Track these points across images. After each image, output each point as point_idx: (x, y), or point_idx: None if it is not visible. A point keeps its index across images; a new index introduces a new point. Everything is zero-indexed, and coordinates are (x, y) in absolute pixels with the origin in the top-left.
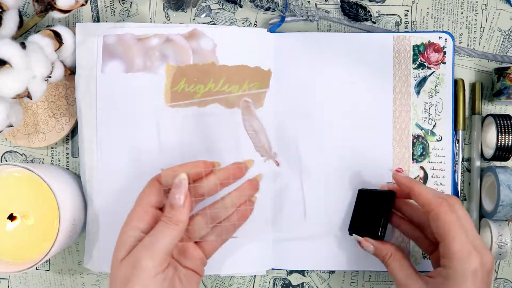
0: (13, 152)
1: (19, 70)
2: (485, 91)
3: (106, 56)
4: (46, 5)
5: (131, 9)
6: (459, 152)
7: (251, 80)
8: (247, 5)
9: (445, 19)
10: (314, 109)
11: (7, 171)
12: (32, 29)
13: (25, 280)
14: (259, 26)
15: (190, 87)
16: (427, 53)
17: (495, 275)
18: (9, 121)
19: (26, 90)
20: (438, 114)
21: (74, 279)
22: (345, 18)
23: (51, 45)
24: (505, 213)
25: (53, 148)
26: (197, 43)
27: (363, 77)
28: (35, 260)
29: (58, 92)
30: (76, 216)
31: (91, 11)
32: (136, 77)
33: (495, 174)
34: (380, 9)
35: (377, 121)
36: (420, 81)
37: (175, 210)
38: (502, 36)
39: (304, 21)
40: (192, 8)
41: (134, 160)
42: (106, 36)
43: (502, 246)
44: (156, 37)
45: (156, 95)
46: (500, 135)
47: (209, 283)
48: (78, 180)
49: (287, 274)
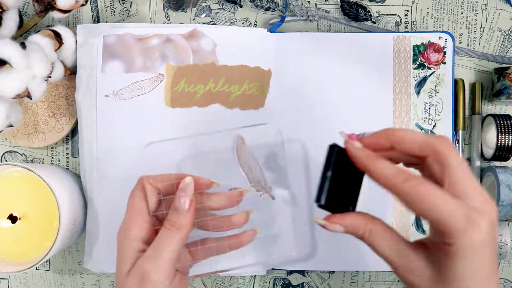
0: (13, 152)
1: (19, 70)
2: (485, 91)
3: (106, 56)
4: (46, 5)
5: (131, 9)
6: (459, 152)
7: (251, 80)
8: (247, 5)
9: (445, 19)
10: (314, 108)
11: (7, 171)
12: (32, 29)
13: (25, 280)
14: (259, 26)
15: (190, 87)
16: (427, 53)
17: None
18: (9, 121)
19: (26, 90)
20: (438, 114)
21: (74, 279)
22: (345, 18)
23: (51, 45)
24: (505, 213)
25: (53, 148)
26: (197, 43)
27: (363, 77)
28: (35, 260)
29: (58, 92)
30: (76, 216)
31: (91, 11)
32: (136, 77)
33: (495, 174)
34: (380, 9)
35: (377, 121)
36: (420, 81)
37: (179, 214)
38: (502, 36)
39: (304, 21)
40: (192, 8)
41: (134, 160)
42: (106, 36)
43: (502, 246)
44: (156, 37)
45: (156, 95)
46: (500, 135)
47: (209, 283)
48: (78, 180)
49: (287, 274)
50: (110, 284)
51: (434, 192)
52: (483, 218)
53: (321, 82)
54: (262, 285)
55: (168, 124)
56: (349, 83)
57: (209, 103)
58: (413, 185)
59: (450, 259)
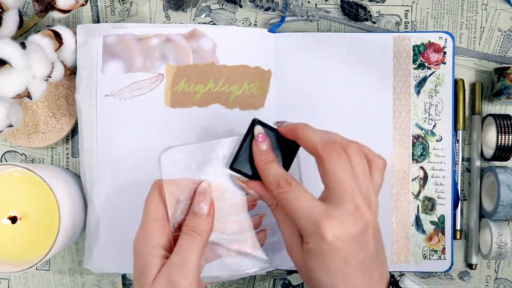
0: (13, 152)
1: (19, 70)
2: (485, 91)
3: (106, 56)
4: (46, 5)
5: (131, 9)
6: (459, 152)
7: (251, 80)
8: (247, 5)
9: (445, 19)
10: (314, 109)
11: (7, 171)
12: (32, 29)
13: (25, 280)
14: (259, 26)
15: (190, 87)
16: (427, 53)
17: (495, 275)
18: (9, 121)
19: (26, 90)
20: (438, 114)
21: (74, 279)
22: (345, 18)
23: (51, 45)
24: (505, 213)
25: (53, 148)
26: (197, 43)
27: (363, 77)
28: (35, 260)
29: (58, 92)
30: (76, 216)
31: (91, 11)
32: (136, 77)
33: (495, 174)
34: (380, 9)
35: (377, 121)
36: (420, 81)
37: (199, 219)
38: (502, 36)
39: (304, 21)
40: (192, 8)
41: (134, 160)
42: (106, 36)
43: (502, 246)
44: (156, 37)
45: (156, 95)
46: (500, 135)
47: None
48: (78, 180)
49: (287, 274)
50: (110, 284)
51: (298, 197)
52: (332, 227)
53: (321, 82)
54: (262, 285)
55: (168, 124)
56: (349, 83)
57: (209, 103)
58: (281, 192)
59: (306, 253)
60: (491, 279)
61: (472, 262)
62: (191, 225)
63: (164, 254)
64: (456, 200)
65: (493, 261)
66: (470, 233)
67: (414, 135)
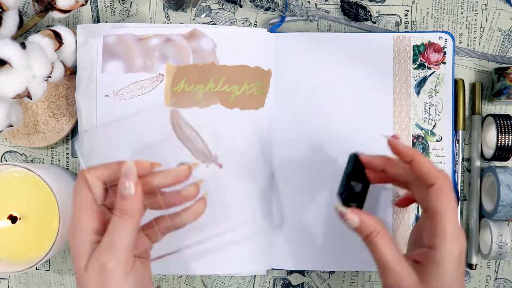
0: (13, 152)
1: (19, 70)
2: (485, 91)
3: (106, 56)
4: (46, 5)
5: (131, 9)
6: (459, 152)
7: (251, 80)
8: (247, 5)
9: (445, 19)
10: (314, 109)
11: (7, 171)
12: (32, 29)
13: (25, 280)
14: (259, 26)
15: (190, 87)
16: (427, 53)
17: (495, 275)
18: (9, 121)
19: (26, 90)
20: (438, 114)
21: (74, 279)
22: (345, 18)
23: (51, 45)
24: (505, 213)
25: (53, 148)
26: (197, 43)
27: (363, 77)
28: (35, 260)
29: (58, 92)
30: None
31: (91, 11)
32: (136, 77)
33: (495, 174)
34: (380, 9)
35: (377, 121)
36: (420, 81)
37: (127, 200)
38: (502, 36)
39: (304, 21)
40: (192, 8)
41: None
42: (106, 36)
43: (502, 246)
44: (156, 37)
45: (156, 95)
46: (500, 135)
47: (209, 283)
48: None
49: (287, 274)
50: None
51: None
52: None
53: (321, 82)
54: (262, 285)
55: (168, 124)
56: (349, 83)
57: (209, 103)
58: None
59: None
60: (491, 279)
61: (472, 262)
62: (120, 207)
63: (96, 238)
64: (456, 200)
65: (493, 261)
66: (470, 233)
67: (414, 135)
